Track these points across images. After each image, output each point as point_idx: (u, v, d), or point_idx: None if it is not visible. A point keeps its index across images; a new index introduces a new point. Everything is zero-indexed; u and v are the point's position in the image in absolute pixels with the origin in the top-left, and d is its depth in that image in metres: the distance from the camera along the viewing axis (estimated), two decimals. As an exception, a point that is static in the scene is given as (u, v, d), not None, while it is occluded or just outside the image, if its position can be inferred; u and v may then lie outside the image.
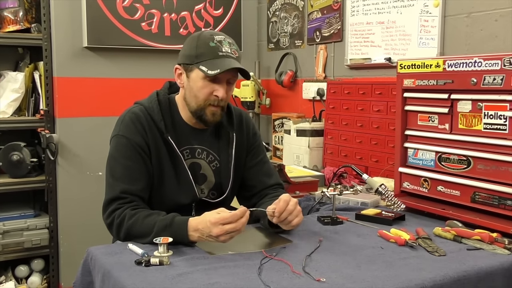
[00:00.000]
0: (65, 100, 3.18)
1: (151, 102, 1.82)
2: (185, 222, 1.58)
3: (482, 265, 1.47)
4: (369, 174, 2.25)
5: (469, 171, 1.82)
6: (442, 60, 1.88)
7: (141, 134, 1.77)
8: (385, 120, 2.61)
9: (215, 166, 1.90)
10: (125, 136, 1.76)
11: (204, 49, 1.73)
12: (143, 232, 1.61)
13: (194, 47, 1.76)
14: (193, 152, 1.87)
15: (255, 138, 2.00)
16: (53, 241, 3.22)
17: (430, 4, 2.54)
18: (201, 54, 1.73)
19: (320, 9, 3.24)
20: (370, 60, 2.88)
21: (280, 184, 2.00)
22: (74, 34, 3.17)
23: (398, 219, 1.89)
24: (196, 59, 1.74)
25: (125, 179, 1.72)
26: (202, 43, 1.74)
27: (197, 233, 1.55)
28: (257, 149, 1.99)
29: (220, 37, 1.75)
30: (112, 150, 1.79)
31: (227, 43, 1.75)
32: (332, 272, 1.39)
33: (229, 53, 1.74)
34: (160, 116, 1.79)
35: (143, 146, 1.76)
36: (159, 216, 1.64)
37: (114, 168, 1.76)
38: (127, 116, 1.80)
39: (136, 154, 1.75)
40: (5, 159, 3.09)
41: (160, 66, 3.38)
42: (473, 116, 1.80)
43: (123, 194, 1.70)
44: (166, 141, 1.79)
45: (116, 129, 1.81)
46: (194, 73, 1.76)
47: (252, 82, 3.52)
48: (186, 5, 3.45)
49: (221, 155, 1.90)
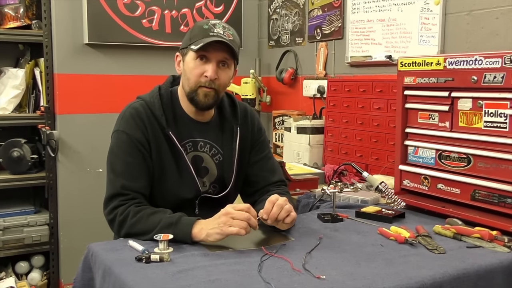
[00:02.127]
0: (66, 97, 3.18)
1: (153, 97, 1.82)
2: (193, 220, 1.59)
3: (482, 263, 1.47)
4: (369, 171, 2.25)
5: (469, 169, 1.82)
6: (443, 58, 1.88)
7: (141, 129, 1.77)
8: (385, 118, 2.61)
9: (218, 160, 1.89)
10: (125, 131, 1.77)
11: (197, 31, 1.77)
12: (146, 229, 1.61)
13: (189, 32, 1.81)
14: (196, 145, 1.86)
15: (260, 134, 2.00)
16: (53, 238, 3.22)
17: (431, 2, 2.53)
18: (194, 36, 1.77)
19: (321, 6, 3.24)
20: (371, 57, 2.88)
21: (283, 181, 2.00)
22: (75, 31, 3.17)
23: (398, 217, 1.89)
24: (189, 41, 1.77)
25: (126, 175, 1.73)
26: (196, 27, 1.79)
27: (201, 230, 1.56)
28: (261, 145, 1.99)
29: (215, 21, 1.78)
30: (113, 145, 1.79)
31: (221, 26, 1.77)
32: (332, 270, 1.39)
33: (221, 34, 1.75)
34: (161, 111, 1.79)
35: (143, 142, 1.76)
36: (165, 214, 1.64)
37: (114, 164, 1.76)
38: (127, 112, 1.80)
39: (136, 151, 1.75)
40: (6, 156, 3.09)
41: (160, 63, 3.38)
42: (473, 114, 1.80)
43: (124, 190, 1.70)
44: (167, 136, 1.79)
45: (117, 124, 1.81)
46: (187, 56, 1.79)
47: (252, 80, 3.52)
48: (187, 2, 3.45)
49: (225, 149, 1.90)
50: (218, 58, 1.76)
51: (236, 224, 1.52)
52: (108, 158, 1.79)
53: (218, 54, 1.75)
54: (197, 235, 1.57)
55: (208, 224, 1.56)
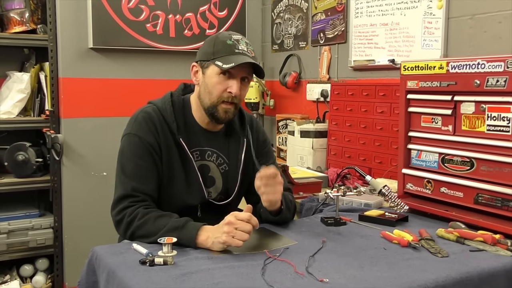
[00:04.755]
0: (70, 101, 3.20)
1: (165, 103, 1.83)
2: (198, 226, 1.60)
3: (485, 266, 1.47)
4: (372, 175, 2.25)
5: (472, 172, 1.82)
6: (446, 61, 1.88)
7: (153, 133, 1.78)
8: (388, 122, 2.61)
9: (224, 169, 1.91)
10: (138, 135, 1.78)
11: (221, 46, 1.77)
12: (151, 231, 1.62)
13: (211, 45, 1.79)
14: (203, 154, 1.87)
15: (265, 145, 2.02)
16: (57, 241, 3.23)
17: (434, 6, 2.54)
18: (217, 51, 1.77)
19: (324, 10, 3.25)
20: (374, 61, 2.89)
21: (289, 189, 2.00)
22: (80, 35, 3.19)
23: (401, 220, 1.90)
24: (213, 56, 1.77)
25: (137, 178, 1.74)
26: (219, 41, 1.78)
27: (208, 238, 1.56)
28: (265, 156, 1.99)
29: (237, 37, 1.80)
30: (124, 148, 1.80)
31: (244, 43, 1.79)
32: (335, 273, 1.40)
33: (245, 51, 1.77)
34: (173, 117, 1.80)
35: (155, 146, 1.78)
36: (171, 218, 1.65)
37: (125, 166, 1.77)
38: (140, 115, 1.81)
39: (147, 154, 1.76)
40: (11, 159, 3.11)
41: (165, 67, 3.40)
42: (476, 117, 1.81)
43: (134, 192, 1.71)
44: (177, 142, 1.80)
45: (128, 127, 1.82)
46: (209, 69, 1.78)
47: (256, 83, 3.52)
48: (191, 7, 3.47)
49: (230, 159, 1.91)
50: (241, 74, 1.78)
51: (239, 236, 1.53)
52: (119, 159, 1.80)
53: (242, 71, 1.77)
54: (203, 243, 1.58)
55: (214, 232, 1.57)
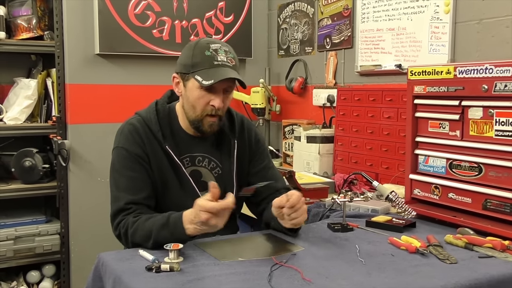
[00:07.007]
0: (77, 107, 3.21)
1: (149, 112, 1.84)
2: (180, 216, 1.60)
3: (494, 273, 1.46)
4: (379, 181, 2.24)
5: (480, 178, 1.81)
6: (453, 66, 1.87)
7: (139, 144, 1.78)
8: (395, 127, 2.60)
9: (217, 173, 1.90)
10: (124, 147, 1.79)
11: (200, 58, 1.74)
12: (144, 235, 1.63)
13: (190, 56, 1.76)
14: (193, 160, 1.87)
15: (258, 145, 2.00)
16: (64, 247, 3.23)
17: (441, 11, 2.53)
18: (196, 64, 1.74)
19: (330, 16, 3.25)
20: (381, 66, 2.88)
21: (288, 189, 1.99)
22: (86, 41, 3.20)
23: (408, 226, 1.88)
24: (192, 69, 1.75)
25: (130, 190, 1.74)
26: (198, 52, 1.75)
27: (191, 224, 1.56)
28: (260, 156, 1.99)
29: (216, 46, 1.75)
30: (114, 161, 1.81)
31: (223, 52, 1.75)
32: (342, 279, 1.39)
33: (225, 61, 1.74)
34: (158, 126, 1.80)
35: (143, 157, 1.78)
36: (156, 217, 1.66)
37: (117, 180, 1.78)
38: (125, 128, 1.83)
39: (137, 165, 1.77)
40: (18, 165, 3.12)
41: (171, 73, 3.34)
42: (484, 123, 1.79)
43: (127, 205, 1.72)
44: (165, 150, 1.80)
45: (116, 141, 1.83)
46: (190, 83, 1.77)
47: (262, 89, 3.53)
48: (197, 12, 3.48)
49: (223, 162, 1.91)
50: (223, 87, 1.77)
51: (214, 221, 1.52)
52: (111, 174, 1.81)
53: (223, 83, 1.75)
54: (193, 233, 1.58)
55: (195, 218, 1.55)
